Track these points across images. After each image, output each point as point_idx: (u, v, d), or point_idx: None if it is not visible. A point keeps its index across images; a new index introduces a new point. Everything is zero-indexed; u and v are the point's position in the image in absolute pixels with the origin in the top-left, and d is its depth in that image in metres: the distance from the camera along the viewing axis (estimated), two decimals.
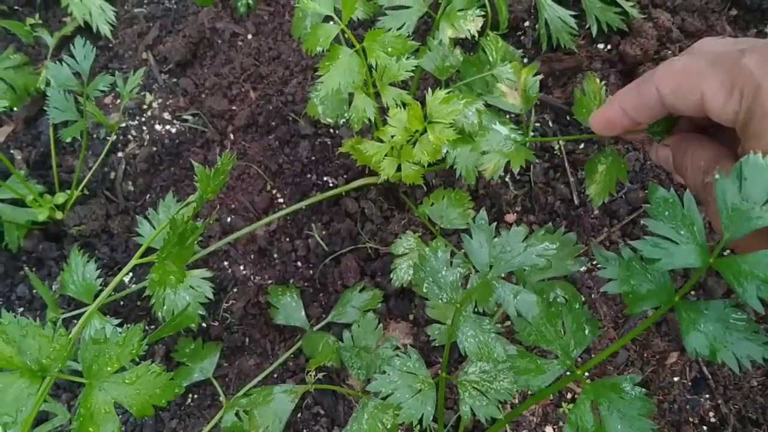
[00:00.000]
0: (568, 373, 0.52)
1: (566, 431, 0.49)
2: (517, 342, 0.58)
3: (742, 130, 0.48)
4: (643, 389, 0.49)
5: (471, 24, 0.76)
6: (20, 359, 0.54)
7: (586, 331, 0.50)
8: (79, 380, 0.58)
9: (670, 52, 0.98)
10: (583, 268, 0.91)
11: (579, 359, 0.66)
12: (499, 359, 0.58)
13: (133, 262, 0.58)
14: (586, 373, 0.54)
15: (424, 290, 0.61)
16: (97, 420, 0.56)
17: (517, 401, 0.84)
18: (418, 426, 0.83)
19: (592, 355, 0.86)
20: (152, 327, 0.93)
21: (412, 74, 0.74)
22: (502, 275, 0.59)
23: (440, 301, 0.60)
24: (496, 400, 0.60)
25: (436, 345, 0.86)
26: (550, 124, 1.01)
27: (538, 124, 1.01)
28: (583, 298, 0.88)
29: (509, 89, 0.76)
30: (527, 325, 0.52)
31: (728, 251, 0.45)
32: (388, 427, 0.69)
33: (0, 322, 0.54)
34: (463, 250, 0.62)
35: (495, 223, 0.60)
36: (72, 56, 0.91)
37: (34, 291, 0.97)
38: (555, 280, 0.72)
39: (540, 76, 0.77)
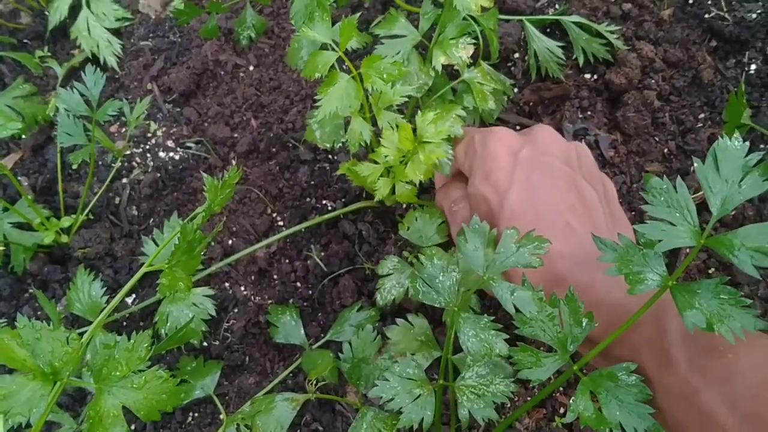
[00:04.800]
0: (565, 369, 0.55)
1: (569, 418, 0.51)
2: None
3: (468, 177, 0.75)
4: (639, 376, 0.51)
5: (462, 51, 0.80)
6: (33, 362, 0.57)
7: (584, 325, 0.53)
8: (88, 385, 0.60)
9: (653, 80, 1.03)
10: None
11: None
12: (501, 354, 0.61)
13: (144, 270, 0.61)
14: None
15: (420, 297, 0.64)
16: (106, 424, 0.59)
17: (509, 413, 0.85)
18: None
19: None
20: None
21: (407, 99, 0.78)
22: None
23: (438, 305, 0.63)
24: (493, 403, 0.62)
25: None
26: None
27: None
28: None
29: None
30: (527, 319, 0.55)
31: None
32: None
33: (15, 326, 0.57)
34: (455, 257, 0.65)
35: (487, 225, 0.63)
36: (82, 83, 0.95)
37: (39, 312, 0.99)
38: None
39: None
